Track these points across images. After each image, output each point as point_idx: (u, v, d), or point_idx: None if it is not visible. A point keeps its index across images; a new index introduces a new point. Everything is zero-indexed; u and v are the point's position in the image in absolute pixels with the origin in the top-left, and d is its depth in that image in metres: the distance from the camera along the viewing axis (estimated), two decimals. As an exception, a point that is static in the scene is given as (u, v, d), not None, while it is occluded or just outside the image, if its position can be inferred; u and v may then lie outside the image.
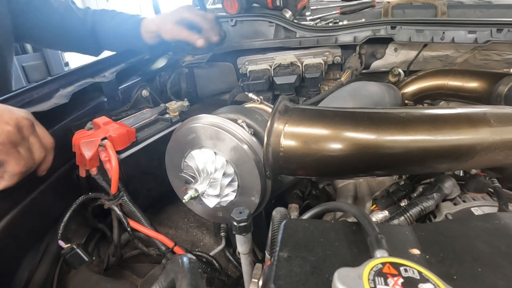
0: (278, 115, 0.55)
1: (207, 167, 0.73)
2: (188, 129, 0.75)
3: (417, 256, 0.32)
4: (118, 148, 0.75)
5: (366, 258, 0.32)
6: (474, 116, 0.55)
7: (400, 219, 0.62)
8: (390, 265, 0.25)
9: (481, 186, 0.65)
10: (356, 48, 1.07)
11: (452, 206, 0.63)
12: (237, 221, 0.38)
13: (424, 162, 0.55)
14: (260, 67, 1.12)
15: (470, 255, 0.31)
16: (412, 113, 0.56)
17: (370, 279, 0.24)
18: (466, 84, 0.91)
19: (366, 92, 0.89)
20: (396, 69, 1.07)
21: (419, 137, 0.53)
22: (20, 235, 0.68)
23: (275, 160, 0.55)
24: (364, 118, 0.55)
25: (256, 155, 0.72)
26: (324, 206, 0.42)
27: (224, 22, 1.22)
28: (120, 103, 0.95)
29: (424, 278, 0.24)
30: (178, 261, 0.32)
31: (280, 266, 0.31)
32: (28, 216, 0.68)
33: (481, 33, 0.88)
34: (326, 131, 0.54)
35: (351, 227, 0.38)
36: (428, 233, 0.36)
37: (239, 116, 0.78)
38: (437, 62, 1.08)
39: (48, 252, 0.77)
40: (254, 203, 0.75)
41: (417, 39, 0.95)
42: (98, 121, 0.77)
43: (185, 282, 0.29)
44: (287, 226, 0.36)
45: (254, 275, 0.36)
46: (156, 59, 1.17)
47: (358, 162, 0.55)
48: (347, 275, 0.24)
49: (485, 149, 0.53)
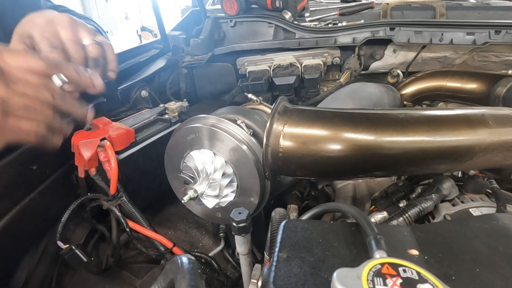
0: (277, 115, 0.55)
1: (206, 167, 0.73)
2: (188, 130, 0.75)
3: (415, 256, 0.32)
4: (117, 149, 0.75)
5: (365, 258, 0.32)
6: (472, 117, 0.55)
7: (399, 219, 0.63)
8: (389, 265, 0.26)
9: (480, 187, 0.65)
10: (355, 49, 1.07)
11: (450, 207, 0.63)
12: (236, 222, 0.38)
13: (423, 163, 0.55)
14: (259, 68, 1.12)
15: (468, 256, 0.32)
16: (411, 114, 0.56)
17: (369, 279, 0.24)
18: (464, 86, 0.91)
19: (365, 93, 0.89)
20: (395, 70, 1.07)
21: (418, 138, 0.53)
22: (18, 235, 0.68)
23: (274, 160, 0.55)
24: (363, 119, 0.55)
25: (255, 155, 0.72)
26: (323, 207, 0.42)
27: (223, 23, 1.22)
28: (119, 103, 0.95)
29: (422, 278, 0.24)
30: (177, 261, 0.32)
31: (279, 266, 0.31)
32: (27, 217, 0.68)
33: (480, 34, 0.88)
34: (325, 132, 0.54)
35: (350, 228, 0.38)
36: (427, 234, 0.36)
37: (238, 117, 0.79)
38: (435, 64, 1.08)
39: (47, 252, 0.76)
40: (253, 204, 0.75)
41: (416, 41, 0.95)
42: (97, 121, 0.77)
43: (184, 282, 0.29)
44: (286, 227, 0.36)
45: (253, 275, 0.36)
46: (156, 59, 1.17)
47: (357, 163, 0.55)
48: (346, 276, 0.24)
49: (483, 150, 0.53)
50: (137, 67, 1.07)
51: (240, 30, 1.22)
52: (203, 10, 1.23)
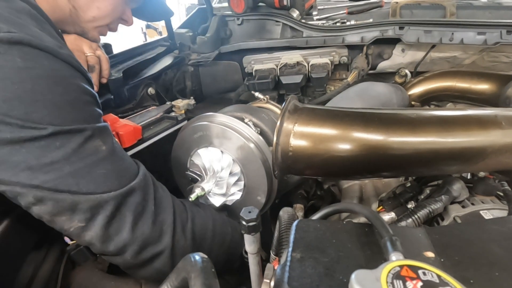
0: (287, 114, 0.54)
1: (213, 165, 0.73)
2: (195, 128, 0.74)
3: (431, 259, 0.32)
4: (125, 146, 0.75)
5: (379, 260, 0.32)
6: (485, 118, 0.55)
7: (407, 221, 0.62)
8: (408, 268, 0.25)
9: (490, 189, 0.64)
10: (363, 49, 1.07)
11: (460, 209, 0.62)
12: (246, 221, 0.38)
13: (434, 164, 0.55)
14: (266, 67, 1.11)
15: (486, 259, 0.31)
16: (422, 115, 0.56)
17: (389, 281, 0.24)
18: (474, 86, 0.90)
19: (374, 92, 0.88)
20: (403, 70, 1.06)
21: (429, 139, 0.53)
22: (25, 231, 0.68)
23: (284, 159, 0.55)
24: (374, 119, 0.54)
25: (262, 154, 0.71)
26: (335, 207, 0.42)
27: (230, 21, 1.22)
28: (126, 100, 0.95)
29: (443, 281, 0.24)
30: (191, 259, 0.31)
31: (293, 267, 0.30)
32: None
33: (491, 34, 0.87)
34: (335, 131, 0.54)
35: (363, 229, 0.37)
36: (442, 236, 0.35)
37: (245, 115, 0.78)
38: (444, 64, 1.07)
39: (53, 248, 0.77)
40: (260, 203, 0.74)
41: (425, 40, 0.94)
42: (105, 118, 0.76)
43: (199, 281, 0.28)
44: (299, 227, 0.36)
45: (266, 275, 0.36)
46: (162, 57, 1.17)
47: (368, 163, 0.54)
48: (365, 278, 0.24)
49: (496, 151, 0.53)
50: (144, 64, 1.07)
51: (247, 28, 1.21)
52: (210, 8, 1.22)
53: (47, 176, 0.45)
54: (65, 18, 0.65)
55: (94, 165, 0.49)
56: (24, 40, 0.43)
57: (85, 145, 0.48)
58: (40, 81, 0.44)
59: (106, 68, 0.86)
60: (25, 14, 0.47)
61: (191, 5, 2.34)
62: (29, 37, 0.43)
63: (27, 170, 0.44)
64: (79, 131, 0.48)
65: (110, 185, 0.50)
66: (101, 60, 0.84)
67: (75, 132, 0.47)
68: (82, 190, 0.48)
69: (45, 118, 0.44)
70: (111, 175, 0.51)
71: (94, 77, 0.82)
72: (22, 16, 0.46)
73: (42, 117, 0.44)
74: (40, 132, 0.44)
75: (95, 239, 0.52)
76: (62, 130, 0.46)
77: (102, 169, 0.50)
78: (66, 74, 0.48)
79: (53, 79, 0.46)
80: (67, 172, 0.46)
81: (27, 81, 0.43)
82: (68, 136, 0.46)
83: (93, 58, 0.81)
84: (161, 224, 0.57)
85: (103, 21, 0.70)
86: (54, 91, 0.46)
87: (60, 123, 0.45)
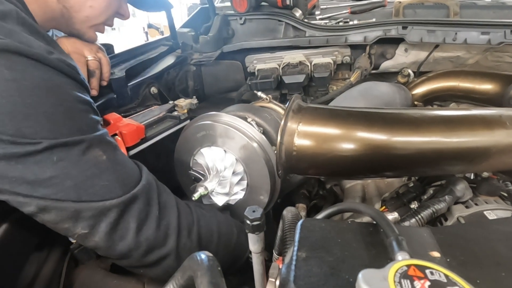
0: (291, 114, 0.54)
1: (216, 165, 0.73)
2: (198, 127, 0.74)
3: (437, 259, 0.32)
4: (128, 145, 0.75)
5: (384, 259, 0.32)
6: (489, 118, 0.54)
7: (411, 221, 0.62)
8: (415, 267, 0.25)
9: (494, 189, 0.64)
10: (366, 48, 1.06)
11: (464, 209, 0.62)
12: (251, 220, 0.38)
13: (438, 164, 0.55)
14: (268, 66, 1.11)
15: (492, 259, 0.31)
16: (426, 114, 0.55)
17: (396, 281, 0.24)
18: (477, 86, 0.90)
19: (377, 92, 0.88)
20: (406, 70, 1.06)
21: (433, 139, 0.52)
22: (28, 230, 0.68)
23: (287, 159, 0.55)
24: (378, 119, 0.54)
25: (265, 153, 0.71)
26: (340, 207, 0.42)
27: (233, 20, 1.22)
28: (129, 99, 0.95)
29: (451, 281, 0.24)
30: (196, 258, 0.31)
31: (299, 266, 0.30)
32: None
33: (495, 34, 0.87)
34: (339, 130, 0.54)
35: (367, 228, 0.37)
36: (447, 236, 0.35)
37: (248, 115, 0.78)
38: (447, 63, 1.07)
39: (56, 247, 0.77)
40: (263, 202, 0.74)
41: (428, 40, 0.94)
42: (108, 117, 0.77)
43: (206, 280, 0.28)
44: (304, 226, 0.36)
45: (271, 274, 0.36)
46: (165, 56, 1.17)
47: (371, 163, 0.54)
48: (372, 277, 0.24)
49: (500, 151, 0.53)
50: (147, 64, 1.07)
51: (249, 27, 1.21)
52: (212, 7, 1.22)
53: (48, 190, 0.44)
54: (57, 18, 0.63)
55: (95, 177, 0.48)
56: (10, 47, 0.41)
57: (84, 157, 0.47)
58: (30, 93, 0.42)
59: (107, 71, 0.84)
60: (12, 18, 0.45)
61: (193, 4, 2.34)
62: (16, 43, 0.41)
63: (26, 184, 0.43)
64: (76, 143, 0.46)
65: (113, 193, 0.50)
66: (102, 63, 0.81)
67: (71, 144, 0.45)
68: (85, 199, 0.47)
69: (39, 133, 0.42)
70: (113, 185, 0.50)
71: (94, 81, 0.79)
72: (8, 20, 0.44)
73: (35, 131, 0.42)
74: (35, 147, 0.42)
75: (99, 244, 0.52)
76: (57, 144, 0.44)
77: (104, 181, 0.49)
78: (57, 83, 0.46)
79: (44, 90, 0.44)
80: (68, 186, 0.45)
81: (16, 94, 0.41)
82: (64, 149, 0.45)
83: (94, 63, 0.78)
84: (165, 228, 0.56)
85: (97, 19, 0.68)
86: (46, 102, 0.44)
87: (55, 136, 0.44)
